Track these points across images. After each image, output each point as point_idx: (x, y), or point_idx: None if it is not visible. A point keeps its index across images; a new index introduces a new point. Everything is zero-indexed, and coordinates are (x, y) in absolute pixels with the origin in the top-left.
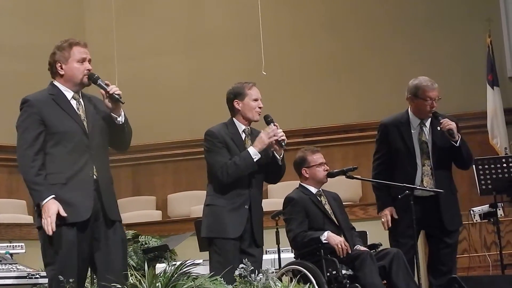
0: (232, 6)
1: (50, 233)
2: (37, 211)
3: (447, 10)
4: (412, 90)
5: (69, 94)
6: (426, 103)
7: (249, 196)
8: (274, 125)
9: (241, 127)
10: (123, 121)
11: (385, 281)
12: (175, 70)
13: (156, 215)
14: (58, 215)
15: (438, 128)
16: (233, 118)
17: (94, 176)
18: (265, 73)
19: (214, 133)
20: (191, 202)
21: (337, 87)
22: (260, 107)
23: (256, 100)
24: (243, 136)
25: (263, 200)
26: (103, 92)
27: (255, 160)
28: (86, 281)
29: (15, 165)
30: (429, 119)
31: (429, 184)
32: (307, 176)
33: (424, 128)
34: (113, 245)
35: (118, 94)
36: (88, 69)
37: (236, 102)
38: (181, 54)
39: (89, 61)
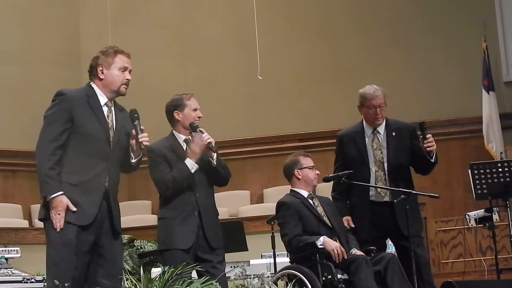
0: (228, 11)
1: (59, 229)
2: (44, 203)
3: (443, 15)
4: (359, 98)
5: (103, 99)
6: (369, 111)
7: (197, 202)
8: (199, 130)
9: (181, 137)
10: (134, 162)
11: (380, 286)
12: (170, 75)
13: (151, 220)
14: (67, 211)
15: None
16: (173, 130)
17: (106, 185)
18: (260, 78)
19: (153, 149)
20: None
21: (331, 92)
22: (199, 117)
23: (195, 110)
24: (184, 146)
25: (258, 204)
26: (134, 133)
27: (192, 171)
28: None
29: (10, 169)
30: (383, 126)
31: (383, 190)
32: (299, 177)
33: (378, 135)
34: (117, 255)
35: (145, 145)
36: (127, 79)
37: (176, 113)
38: (176, 58)
39: (130, 72)
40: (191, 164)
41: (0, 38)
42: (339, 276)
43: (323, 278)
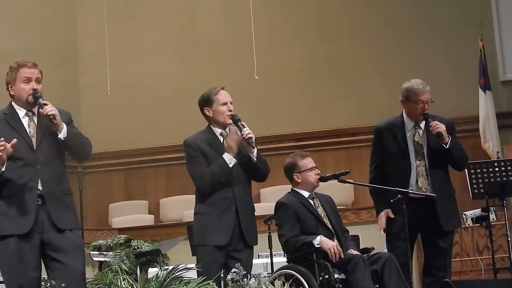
0: (225, 10)
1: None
2: None
3: (440, 15)
4: (404, 93)
5: (21, 112)
6: (417, 106)
7: (234, 198)
8: (241, 124)
9: (217, 131)
10: (64, 137)
11: (377, 285)
12: (167, 74)
13: (148, 220)
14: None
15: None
16: (209, 124)
17: (38, 190)
18: (257, 77)
19: (190, 143)
20: (183, 207)
21: (328, 91)
22: (230, 110)
23: (224, 104)
24: (221, 139)
25: (256, 204)
26: (41, 111)
27: (230, 165)
28: None
29: None
30: (424, 122)
31: (424, 185)
32: (299, 181)
33: (418, 130)
34: (67, 253)
35: (51, 115)
36: (33, 89)
37: (206, 110)
38: (173, 58)
39: (37, 80)
40: (229, 159)
41: None
42: (336, 275)
43: (320, 278)
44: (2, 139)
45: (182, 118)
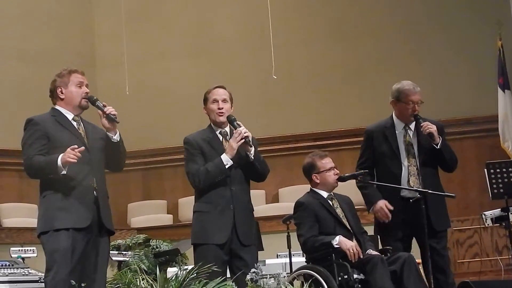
0: (242, 11)
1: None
2: (44, 215)
3: (457, 14)
4: (394, 94)
5: (69, 115)
6: (408, 107)
7: (231, 196)
8: (237, 123)
9: (217, 129)
10: (118, 140)
11: (396, 286)
12: (185, 75)
13: (167, 219)
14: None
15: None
16: (210, 123)
17: (95, 188)
18: (275, 77)
19: (189, 141)
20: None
21: (346, 91)
22: (220, 108)
23: (214, 101)
24: (220, 138)
25: (273, 204)
26: (100, 112)
27: (227, 166)
28: None
29: None
30: (414, 123)
31: (416, 184)
32: (317, 181)
33: (408, 131)
34: (102, 260)
35: (114, 115)
36: (86, 92)
37: (204, 108)
38: (191, 58)
39: (87, 86)
40: (226, 160)
41: (15, 38)
42: (355, 276)
43: (339, 278)
44: (81, 147)
45: (200, 118)
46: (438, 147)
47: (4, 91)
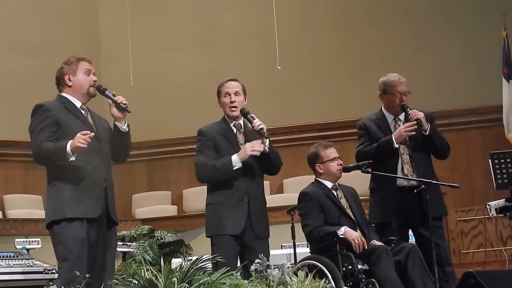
0: (247, 2)
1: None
2: (54, 204)
3: (461, 4)
4: (381, 86)
5: (77, 103)
6: (395, 98)
7: (246, 188)
8: (251, 116)
9: (231, 122)
10: (127, 129)
11: (400, 276)
12: (190, 65)
13: (171, 210)
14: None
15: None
16: (224, 116)
17: (105, 178)
18: (280, 68)
19: (204, 132)
20: (206, 197)
21: (350, 82)
22: (232, 101)
23: (227, 94)
24: (235, 130)
25: (277, 195)
26: (110, 102)
27: (234, 168)
28: None
29: (30, 160)
30: (403, 114)
31: (410, 172)
32: (321, 171)
33: (398, 122)
34: (111, 251)
35: (125, 104)
36: (94, 80)
37: (218, 102)
38: (195, 49)
39: (94, 74)
40: (236, 161)
41: (19, 30)
42: (359, 266)
43: (344, 268)
44: (91, 133)
45: (205, 109)
46: (427, 133)
47: (8, 83)
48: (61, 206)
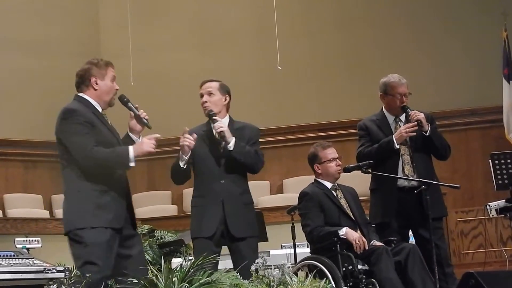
0: (247, 2)
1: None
2: (79, 211)
3: (461, 5)
4: (382, 87)
5: (99, 108)
6: (395, 99)
7: (222, 189)
8: (214, 119)
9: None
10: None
11: (400, 277)
12: (190, 65)
13: (171, 210)
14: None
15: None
16: None
17: (127, 186)
18: (280, 68)
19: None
20: None
21: (351, 82)
22: (203, 102)
23: (200, 95)
24: (214, 131)
25: (277, 195)
26: (131, 113)
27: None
28: None
29: (30, 160)
30: (404, 114)
31: (410, 172)
32: (319, 172)
33: (399, 122)
34: (139, 255)
35: (147, 119)
36: (117, 89)
37: None
38: (196, 49)
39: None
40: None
41: (19, 29)
42: (359, 266)
43: (344, 269)
44: (158, 135)
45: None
46: (427, 134)
47: (8, 81)
48: (87, 214)
